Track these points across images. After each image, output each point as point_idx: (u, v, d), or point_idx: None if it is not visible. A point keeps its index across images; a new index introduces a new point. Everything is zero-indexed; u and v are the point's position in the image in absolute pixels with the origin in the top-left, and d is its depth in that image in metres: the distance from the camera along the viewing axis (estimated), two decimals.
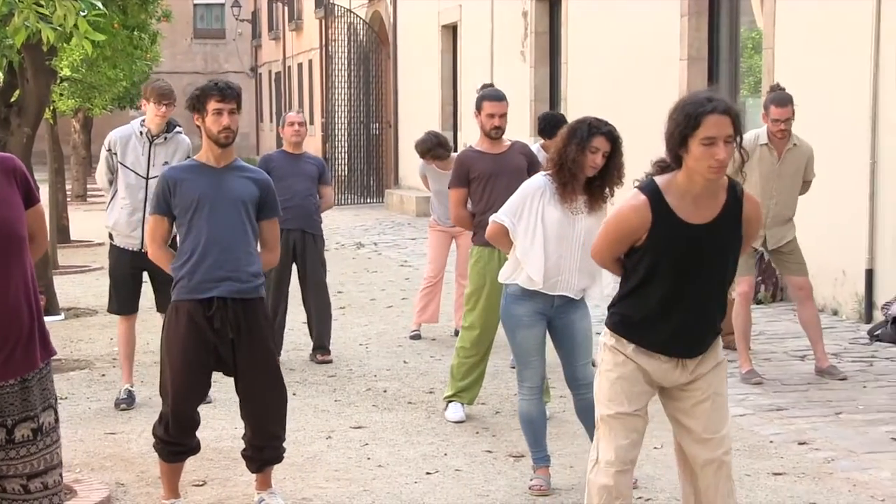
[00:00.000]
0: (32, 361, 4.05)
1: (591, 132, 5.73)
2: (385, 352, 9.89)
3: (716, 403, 4.54)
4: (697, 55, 13.49)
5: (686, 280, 4.39)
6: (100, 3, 6.53)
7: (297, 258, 9.49)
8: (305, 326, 9.83)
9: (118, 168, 7.94)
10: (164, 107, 7.86)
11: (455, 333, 9.87)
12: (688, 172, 4.31)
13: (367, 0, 27.88)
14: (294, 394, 7.63)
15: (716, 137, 4.20)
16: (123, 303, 8.07)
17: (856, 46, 10.53)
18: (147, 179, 7.86)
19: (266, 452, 5.81)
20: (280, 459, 5.90)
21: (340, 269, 14.71)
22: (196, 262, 5.58)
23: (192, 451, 5.83)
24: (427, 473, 6.49)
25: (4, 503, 4.08)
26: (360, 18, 27.03)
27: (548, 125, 9.28)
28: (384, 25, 27.19)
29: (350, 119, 26.78)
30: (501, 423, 7.49)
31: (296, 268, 9.56)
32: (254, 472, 5.92)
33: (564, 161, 5.75)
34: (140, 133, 7.93)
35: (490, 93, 7.74)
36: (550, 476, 6.19)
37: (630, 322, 4.50)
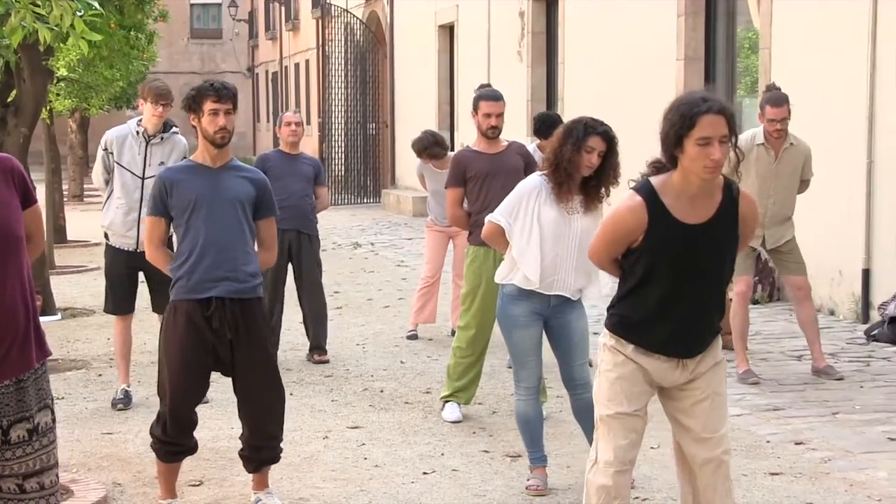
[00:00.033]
0: (28, 362, 4.05)
1: (587, 132, 5.73)
2: (382, 352, 9.89)
3: (715, 403, 4.54)
4: (694, 55, 13.48)
5: (684, 280, 4.39)
6: (96, 3, 6.52)
7: (293, 258, 9.50)
8: (302, 326, 9.83)
9: (114, 167, 7.94)
10: (162, 107, 7.85)
11: (452, 333, 9.87)
12: (683, 172, 4.31)
13: (364, 0, 27.87)
14: (291, 394, 7.62)
15: (711, 137, 4.20)
16: (119, 303, 8.07)
17: (852, 46, 10.53)
18: (143, 179, 7.86)
19: (263, 453, 5.81)
20: (277, 460, 5.90)
21: (337, 269, 14.71)
22: (194, 263, 5.58)
23: (190, 452, 5.82)
24: (424, 473, 6.49)
25: (0, 503, 4.08)
26: (357, 18, 27.03)
27: (543, 125, 9.26)
28: (381, 25, 27.18)
29: (347, 119, 26.77)
30: (498, 423, 7.49)
31: (292, 268, 9.57)
32: (251, 472, 5.91)
33: (560, 161, 5.75)
34: (137, 133, 7.92)
35: (487, 93, 7.75)
36: (547, 476, 6.19)
37: (629, 323, 4.51)
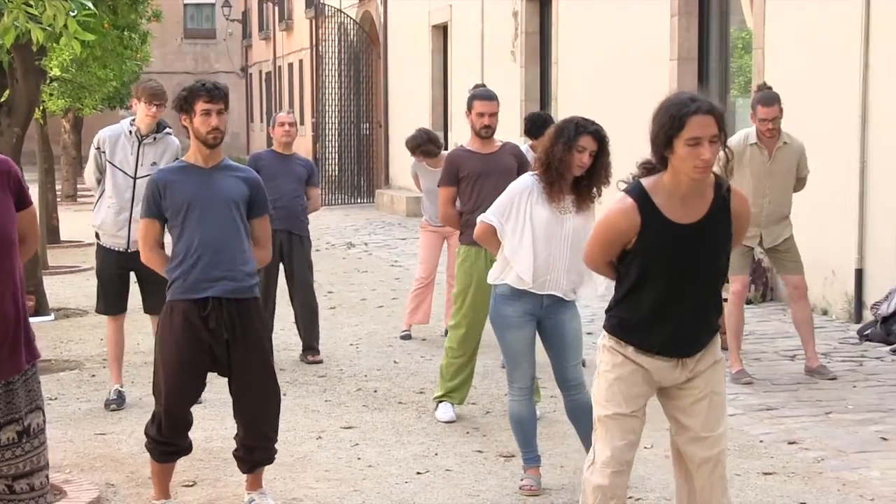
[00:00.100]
0: (18, 365, 4.04)
1: (578, 131, 5.73)
2: (375, 352, 9.88)
3: (713, 402, 4.55)
4: (687, 55, 13.49)
5: (679, 280, 4.39)
6: (90, 3, 6.52)
7: (284, 259, 9.49)
8: (295, 327, 9.83)
9: (106, 167, 7.93)
10: (155, 107, 7.84)
11: (445, 334, 9.85)
12: (674, 173, 4.32)
13: (358, 0, 27.86)
14: (284, 394, 7.60)
15: (701, 137, 4.20)
16: (111, 303, 8.05)
17: (845, 46, 10.54)
18: (135, 179, 7.84)
19: (257, 453, 5.80)
20: (271, 461, 5.89)
21: (331, 270, 14.70)
22: (191, 263, 5.56)
23: (184, 452, 5.82)
24: (417, 473, 6.49)
25: None
26: (351, 18, 27.01)
27: (534, 125, 9.25)
28: (374, 25, 27.17)
29: (340, 119, 26.75)
30: (492, 423, 7.49)
31: (283, 269, 9.56)
32: (245, 473, 5.90)
33: (552, 160, 5.75)
34: (129, 132, 7.91)
35: (481, 92, 7.75)
36: (541, 476, 6.19)
37: (628, 325, 4.51)
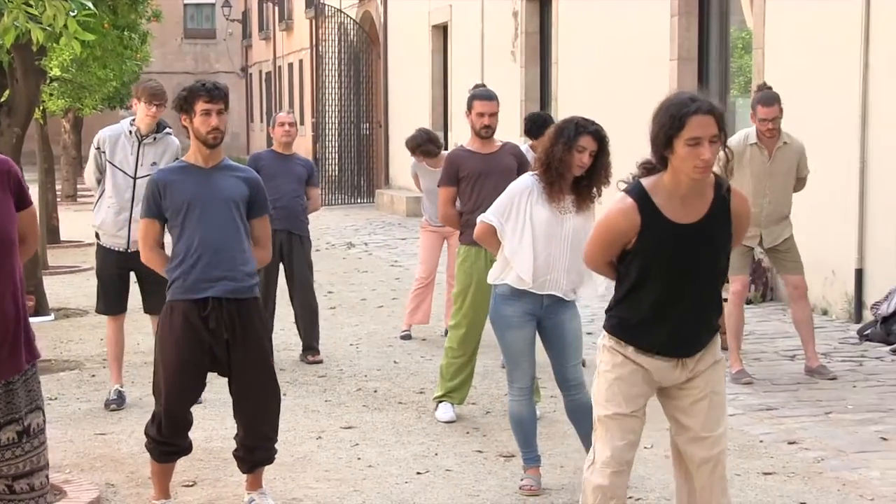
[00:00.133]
0: (18, 365, 4.04)
1: (578, 131, 5.73)
2: (375, 352, 9.88)
3: (713, 402, 4.55)
4: (688, 55, 13.49)
5: (679, 280, 4.39)
6: (90, 3, 6.52)
7: (284, 259, 9.48)
8: (295, 327, 9.82)
9: (106, 167, 7.93)
10: (155, 107, 7.83)
11: (445, 334, 9.86)
12: (674, 173, 4.32)
13: (358, 0, 27.86)
14: (284, 394, 7.60)
15: (701, 137, 4.20)
16: (111, 303, 8.05)
17: (845, 46, 10.54)
18: (135, 179, 7.84)
19: (257, 453, 5.80)
20: (271, 461, 5.89)
21: (331, 269, 14.70)
22: (191, 263, 5.56)
23: (184, 452, 5.82)
24: (417, 473, 6.49)
25: None
26: (351, 18, 27.01)
27: (534, 125, 9.24)
28: (374, 25, 27.17)
29: (340, 119, 26.75)
30: (492, 423, 7.49)
31: (283, 269, 9.56)
32: (245, 473, 5.90)
33: (551, 160, 5.75)
34: (129, 132, 7.90)
35: (481, 92, 7.75)
36: (541, 476, 6.19)
37: (628, 325, 4.51)
